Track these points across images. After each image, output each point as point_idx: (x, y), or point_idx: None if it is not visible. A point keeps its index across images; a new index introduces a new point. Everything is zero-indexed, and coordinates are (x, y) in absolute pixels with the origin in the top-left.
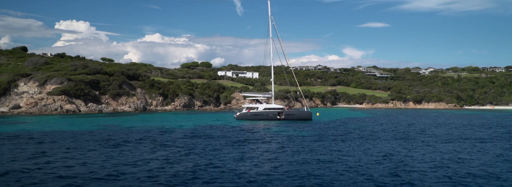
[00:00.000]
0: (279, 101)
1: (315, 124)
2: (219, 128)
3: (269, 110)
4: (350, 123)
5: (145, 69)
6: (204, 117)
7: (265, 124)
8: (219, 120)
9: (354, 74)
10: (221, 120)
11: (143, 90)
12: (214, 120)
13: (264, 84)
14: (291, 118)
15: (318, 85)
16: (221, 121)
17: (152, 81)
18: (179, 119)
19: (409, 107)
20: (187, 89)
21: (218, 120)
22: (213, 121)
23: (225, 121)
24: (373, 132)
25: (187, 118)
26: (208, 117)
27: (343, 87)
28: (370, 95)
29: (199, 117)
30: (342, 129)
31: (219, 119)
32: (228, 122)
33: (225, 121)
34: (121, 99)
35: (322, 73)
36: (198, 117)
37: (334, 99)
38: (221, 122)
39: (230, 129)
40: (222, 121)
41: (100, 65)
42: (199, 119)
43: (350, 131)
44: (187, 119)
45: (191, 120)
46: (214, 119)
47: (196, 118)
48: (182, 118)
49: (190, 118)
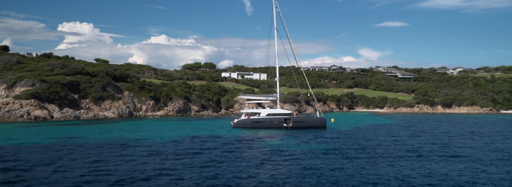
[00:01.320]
0: (288, 105)
1: (330, 134)
2: (207, 140)
3: (274, 116)
4: (375, 132)
5: (137, 70)
6: (197, 125)
7: (267, 135)
8: (213, 128)
9: (373, 75)
10: (215, 129)
11: (131, 93)
12: (207, 128)
13: (271, 86)
14: (300, 125)
15: (333, 88)
16: (214, 129)
17: (142, 83)
18: (164, 128)
19: (438, 111)
20: (182, 92)
21: (211, 128)
22: (204, 129)
23: (219, 130)
24: (415, 147)
25: (175, 126)
26: (201, 125)
27: (361, 90)
28: (392, 98)
29: (190, 125)
30: (367, 142)
31: (213, 127)
32: (223, 131)
33: (219, 129)
34: (105, 103)
35: (337, 74)
36: (189, 125)
37: (351, 102)
38: (214, 131)
39: (220, 141)
40: (215, 130)
41: (82, 64)
42: (189, 128)
43: (380, 145)
44: (174, 127)
45: (178, 129)
46: (208, 127)
47: (186, 126)
48: (169, 126)
49: (178, 126)
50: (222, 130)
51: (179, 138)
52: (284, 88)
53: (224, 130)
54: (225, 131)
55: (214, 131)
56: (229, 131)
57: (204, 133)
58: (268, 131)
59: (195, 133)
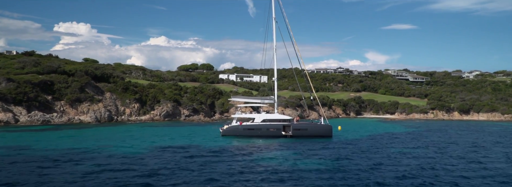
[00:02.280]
0: (290, 109)
1: (337, 145)
2: (180, 152)
3: (270, 123)
4: (391, 143)
5: (123, 70)
6: (180, 132)
7: (260, 145)
8: (197, 136)
9: (383, 78)
10: (200, 137)
11: (114, 95)
12: (190, 136)
13: (272, 89)
14: (302, 134)
15: (339, 91)
16: (198, 138)
17: (127, 83)
18: (139, 135)
19: (454, 118)
20: (172, 94)
21: (195, 136)
22: (186, 138)
23: (203, 139)
24: (445, 165)
25: (153, 133)
26: (185, 132)
27: (369, 94)
28: (404, 103)
29: (173, 132)
30: (385, 158)
31: (198, 135)
32: (208, 140)
33: (204, 138)
34: (82, 106)
35: (344, 77)
36: (172, 132)
37: (359, 107)
38: (196, 141)
39: (197, 155)
40: (199, 139)
41: (57, 62)
42: (169, 135)
43: (401, 163)
44: (152, 134)
45: (154, 137)
46: (192, 134)
47: (166, 133)
48: (147, 133)
49: (158, 133)
50: (208, 139)
51: (147, 150)
52: (286, 91)
53: (209, 139)
54: (210, 140)
55: (197, 140)
56: (215, 139)
57: (183, 142)
58: (263, 140)
59: (173, 142)
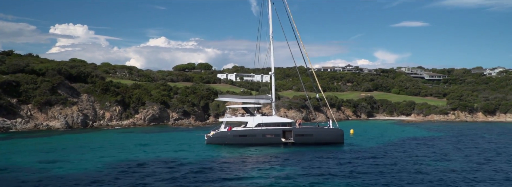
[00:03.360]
0: (294, 111)
1: (353, 156)
2: (140, 173)
3: (267, 127)
4: (418, 151)
5: (106, 68)
6: (159, 139)
7: (252, 159)
8: (175, 145)
9: (396, 76)
10: (179, 147)
11: (92, 97)
12: (167, 145)
13: (277, 89)
14: (306, 140)
15: (348, 91)
16: (176, 148)
17: (107, 84)
18: (101, 145)
19: (479, 119)
20: (159, 95)
21: (172, 145)
22: (160, 148)
23: (183, 149)
24: None
25: (123, 142)
26: (165, 139)
27: (381, 93)
28: (421, 103)
29: (150, 139)
30: (432, 180)
31: (177, 144)
32: (188, 151)
33: (184, 148)
34: (53, 110)
35: (353, 75)
36: (149, 139)
37: (371, 108)
38: (171, 153)
39: (162, 177)
40: (177, 149)
41: (26, 60)
42: (142, 145)
43: (444, 179)
44: (121, 143)
45: (122, 147)
46: (171, 142)
47: (141, 141)
48: (116, 141)
49: (131, 141)
50: (187, 149)
51: (94, 168)
52: (290, 92)
53: (190, 149)
54: (189, 151)
55: (171, 152)
56: (197, 150)
57: (152, 155)
58: (257, 150)
59: (138, 155)
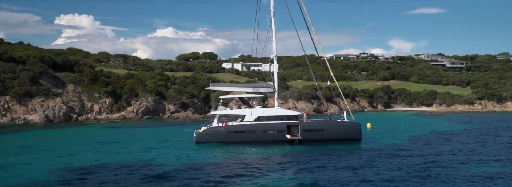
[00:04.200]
0: (304, 102)
1: (372, 155)
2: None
3: (269, 122)
4: (456, 149)
5: (98, 57)
6: (143, 136)
7: (249, 164)
8: (158, 144)
9: (414, 64)
10: (161, 146)
11: (79, 87)
12: (148, 144)
13: (285, 79)
14: (317, 137)
15: (363, 80)
16: (158, 147)
17: (96, 73)
18: (67, 144)
19: (508, 109)
20: (155, 85)
21: (154, 144)
22: (138, 149)
23: (165, 150)
24: None
25: (96, 140)
26: (149, 136)
27: (399, 83)
28: (444, 93)
29: (132, 136)
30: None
31: (161, 142)
32: (170, 151)
33: (168, 147)
34: (33, 102)
35: (368, 63)
36: (131, 136)
37: (388, 98)
38: (147, 155)
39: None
40: (158, 149)
41: (5, 47)
42: (118, 143)
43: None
44: (92, 142)
45: (92, 146)
46: (154, 140)
47: (119, 139)
48: (90, 138)
49: (108, 138)
50: (171, 149)
51: (24, 179)
52: (301, 81)
53: (173, 149)
54: (171, 153)
55: (149, 153)
56: (181, 151)
57: (122, 158)
58: (257, 148)
59: (106, 158)
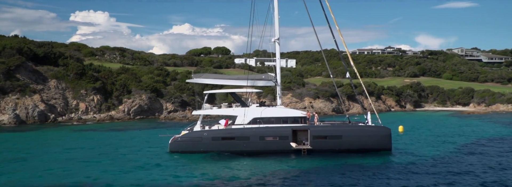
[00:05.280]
0: (322, 100)
1: (410, 175)
2: None
3: (268, 125)
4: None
5: (91, 50)
6: (112, 142)
7: (238, 185)
8: (120, 155)
9: (447, 59)
10: (118, 159)
11: (62, 83)
12: (105, 156)
13: (303, 75)
14: (331, 146)
15: (390, 77)
16: (117, 160)
17: (83, 67)
18: (17, 156)
19: None
20: (151, 81)
21: (114, 156)
22: (84, 163)
23: (123, 165)
24: None
25: (45, 150)
26: (121, 142)
27: (430, 79)
28: (482, 90)
29: (95, 143)
30: None
31: (126, 152)
32: (129, 169)
33: (129, 161)
34: (6, 100)
35: (395, 58)
36: (95, 143)
37: (418, 97)
38: (96, 174)
39: None
40: (115, 165)
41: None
42: (68, 153)
43: None
44: (37, 153)
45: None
46: (119, 149)
47: (81, 145)
48: (44, 147)
49: (65, 145)
50: (127, 165)
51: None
52: (320, 78)
53: (131, 165)
54: (120, 172)
55: (97, 171)
56: (145, 167)
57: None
58: (250, 163)
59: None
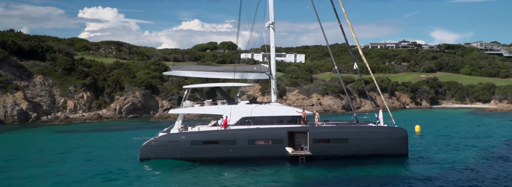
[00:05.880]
0: (331, 97)
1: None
2: None
3: (257, 127)
4: None
5: (85, 44)
6: (69, 147)
7: None
8: (82, 162)
9: (465, 53)
10: (84, 164)
11: (49, 79)
12: (55, 170)
13: (312, 71)
14: (334, 151)
15: (404, 72)
16: (72, 172)
17: (72, 62)
18: None
19: None
20: (146, 77)
21: (72, 165)
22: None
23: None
24: None
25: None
26: (88, 147)
27: (448, 75)
28: (505, 86)
29: (63, 145)
30: None
31: (88, 158)
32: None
33: (69, 177)
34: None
35: (410, 53)
36: (54, 145)
37: (435, 93)
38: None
39: None
40: (69, 176)
41: None
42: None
43: None
44: None
45: None
46: (86, 151)
47: (41, 149)
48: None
49: (24, 149)
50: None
51: None
52: (330, 73)
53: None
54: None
55: None
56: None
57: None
58: (234, 175)
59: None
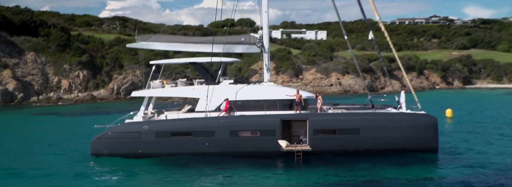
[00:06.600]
0: (352, 76)
1: None
2: None
3: (242, 114)
4: None
5: (87, 19)
6: (33, 134)
7: None
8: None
9: (503, 29)
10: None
11: (42, 56)
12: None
13: (334, 48)
14: (342, 146)
15: (435, 49)
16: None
17: (68, 38)
18: None
19: None
20: (149, 54)
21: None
22: None
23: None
24: None
25: None
26: (64, 131)
27: (483, 52)
28: None
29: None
30: None
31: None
32: None
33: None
34: None
35: (441, 28)
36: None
37: (469, 72)
38: None
39: None
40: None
41: None
42: None
43: None
44: None
45: None
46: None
47: None
48: None
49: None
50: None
51: None
52: (353, 51)
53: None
54: None
55: None
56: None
57: None
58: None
59: None
